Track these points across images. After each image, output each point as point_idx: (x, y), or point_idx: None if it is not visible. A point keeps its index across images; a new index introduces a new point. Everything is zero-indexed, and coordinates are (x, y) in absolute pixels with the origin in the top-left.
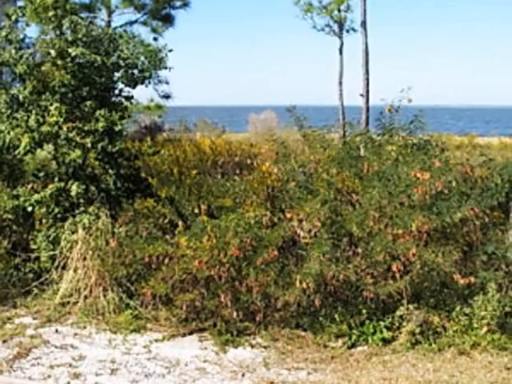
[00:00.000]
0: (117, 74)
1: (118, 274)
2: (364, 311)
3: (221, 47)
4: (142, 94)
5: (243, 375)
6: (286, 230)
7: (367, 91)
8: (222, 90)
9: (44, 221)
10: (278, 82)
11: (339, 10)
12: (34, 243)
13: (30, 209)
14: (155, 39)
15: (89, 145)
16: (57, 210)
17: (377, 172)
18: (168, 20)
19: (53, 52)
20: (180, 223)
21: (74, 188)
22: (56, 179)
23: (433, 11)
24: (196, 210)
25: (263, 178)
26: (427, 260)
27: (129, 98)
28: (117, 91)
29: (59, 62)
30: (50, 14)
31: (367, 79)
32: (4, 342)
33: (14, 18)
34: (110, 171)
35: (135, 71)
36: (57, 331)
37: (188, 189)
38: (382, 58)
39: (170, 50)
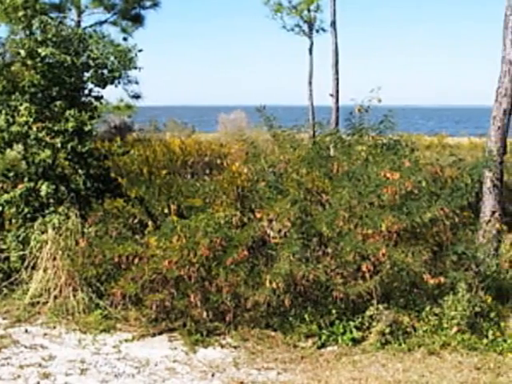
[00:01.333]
0: (86, 74)
1: (88, 274)
2: (334, 311)
3: (191, 47)
4: (112, 93)
5: (213, 375)
6: (256, 230)
7: (337, 91)
8: (191, 90)
9: (14, 221)
10: (248, 82)
11: (309, 10)
12: (3, 243)
13: None
14: (125, 39)
15: (58, 145)
16: (26, 209)
17: (346, 172)
18: (138, 20)
19: (22, 52)
20: (150, 223)
21: (44, 188)
22: (26, 179)
23: (403, 12)
24: (166, 210)
25: (233, 178)
26: (397, 260)
27: (98, 98)
28: (86, 91)
29: (29, 62)
30: (20, 13)
31: (337, 79)
32: None
33: None
34: (80, 171)
35: (105, 71)
36: (26, 331)
37: (158, 189)
38: (352, 58)
39: (140, 50)
